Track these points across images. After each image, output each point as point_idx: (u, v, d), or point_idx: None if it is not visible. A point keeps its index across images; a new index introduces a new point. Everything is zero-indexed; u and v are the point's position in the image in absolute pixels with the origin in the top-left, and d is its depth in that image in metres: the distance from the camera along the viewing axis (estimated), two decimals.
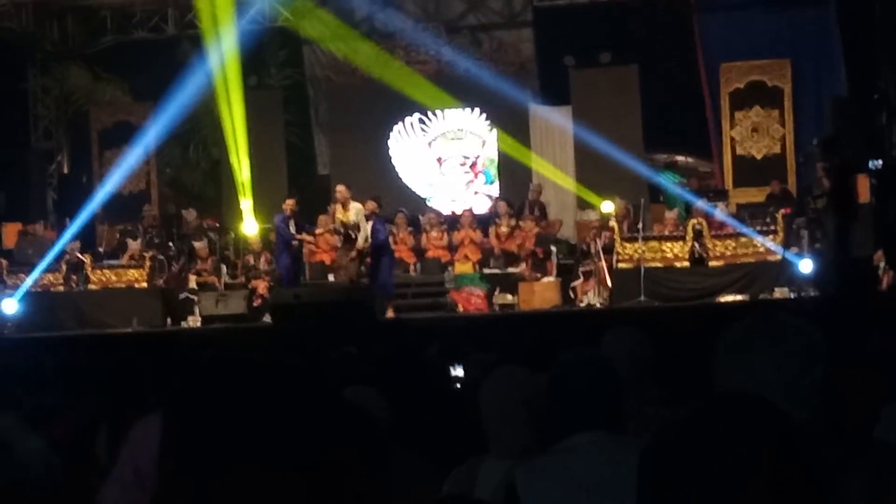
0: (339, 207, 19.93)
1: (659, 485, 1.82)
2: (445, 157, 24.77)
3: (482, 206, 23.60)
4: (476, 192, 24.47)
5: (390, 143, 24.76)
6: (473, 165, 24.68)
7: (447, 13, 24.79)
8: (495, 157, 24.46)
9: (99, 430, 4.64)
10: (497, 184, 24.41)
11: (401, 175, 24.68)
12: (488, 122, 23.80)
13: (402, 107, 24.26)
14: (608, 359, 4.11)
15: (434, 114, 24.60)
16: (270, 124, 24.32)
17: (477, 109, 24.29)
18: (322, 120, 25.86)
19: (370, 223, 19.62)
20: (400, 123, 24.67)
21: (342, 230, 19.87)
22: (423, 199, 24.24)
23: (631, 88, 22.68)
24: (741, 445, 1.77)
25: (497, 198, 21.91)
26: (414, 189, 24.46)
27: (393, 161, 24.71)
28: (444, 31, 24.47)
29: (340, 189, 20.14)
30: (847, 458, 2.63)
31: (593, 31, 23.22)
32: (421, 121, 24.70)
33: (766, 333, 2.76)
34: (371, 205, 19.98)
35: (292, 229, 20.20)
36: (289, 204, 20.34)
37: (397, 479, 3.55)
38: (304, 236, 20.66)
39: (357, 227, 19.67)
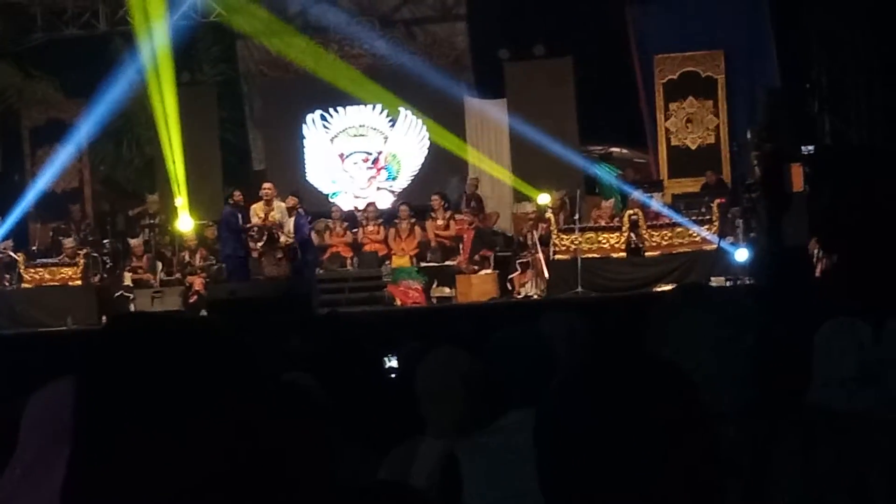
0: (261, 205, 19.85)
1: (550, 446, 1.79)
2: (347, 153, 24.76)
3: (385, 202, 23.60)
4: (378, 189, 24.47)
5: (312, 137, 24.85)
6: (376, 161, 24.68)
7: (381, 7, 24.70)
8: (397, 152, 24.49)
9: None
10: (399, 180, 24.48)
11: (306, 171, 24.68)
12: (424, 114, 23.69)
13: (336, 102, 24.23)
14: (543, 336, 4.09)
15: (335, 110, 24.63)
16: (204, 121, 24.17)
17: (378, 106, 24.31)
18: (256, 116, 25.71)
19: (292, 218, 19.64)
20: (308, 119, 24.72)
21: (265, 231, 19.78)
22: (325, 196, 24.15)
23: (565, 80, 22.72)
24: (627, 397, 1.74)
25: (436, 192, 21.86)
26: (317, 185, 24.39)
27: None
28: (378, 25, 24.39)
29: (268, 186, 20.13)
30: (783, 426, 2.61)
31: (527, 23, 23.21)
32: (322, 117, 24.71)
33: (696, 303, 2.75)
34: (291, 200, 20.00)
35: (240, 222, 20.16)
36: (237, 196, 20.29)
37: (336, 463, 3.52)
38: (252, 225, 20.44)
39: (281, 226, 19.66)
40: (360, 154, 24.74)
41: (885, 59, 20.41)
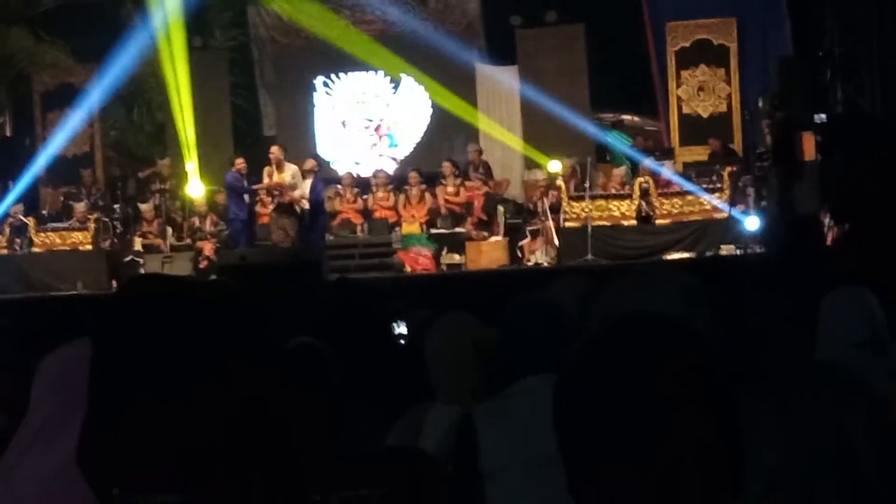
0: (273, 169, 19.91)
1: (571, 412, 1.79)
2: (349, 120, 24.73)
3: (387, 169, 23.57)
4: (381, 155, 24.45)
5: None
6: (378, 128, 24.65)
7: None
8: (400, 119, 24.47)
9: None
10: (401, 147, 24.49)
11: (316, 137, 24.76)
12: (435, 80, 23.59)
13: (347, 68, 24.22)
14: (557, 303, 4.09)
15: (337, 76, 24.60)
16: (215, 86, 24.15)
17: (381, 73, 24.32)
18: (267, 81, 25.66)
19: (309, 181, 19.68)
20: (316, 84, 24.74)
21: (276, 192, 19.84)
22: (328, 162, 24.15)
23: (577, 47, 22.66)
24: (645, 358, 1.74)
25: (447, 158, 21.85)
26: (319, 153, 24.39)
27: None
28: None
29: (274, 150, 20.23)
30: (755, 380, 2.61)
31: None
32: (325, 84, 24.69)
33: (640, 287, 2.74)
34: (310, 163, 20.06)
35: (243, 184, 20.25)
36: (239, 162, 20.40)
37: (346, 428, 3.53)
38: (260, 186, 20.50)
39: (293, 188, 19.69)
40: (361, 121, 24.72)
41: None
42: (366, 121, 24.70)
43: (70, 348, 2.44)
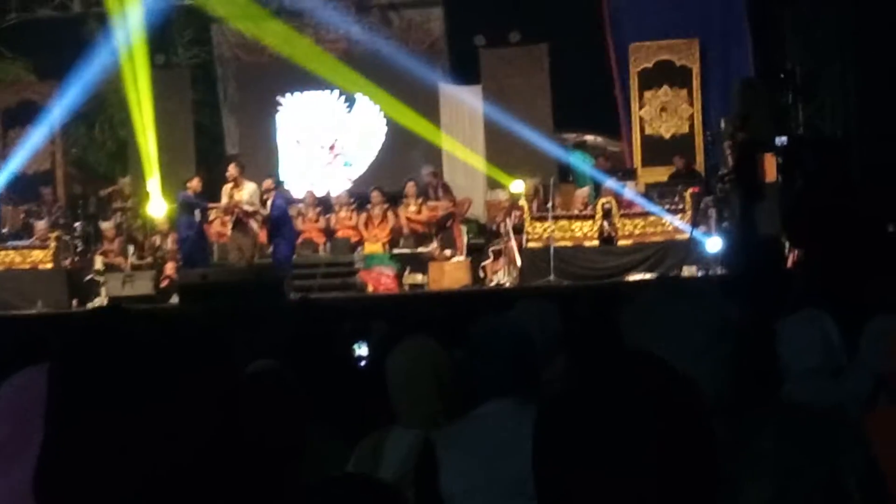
0: (230, 187, 19.83)
1: (552, 443, 1.79)
2: (303, 139, 24.75)
3: (339, 189, 23.59)
4: (335, 175, 24.51)
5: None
6: (332, 147, 24.67)
7: None
8: (354, 138, 24.55)
9: None
10: (356, 166, 24.56)
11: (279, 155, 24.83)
12: (399, 99, 23.59)
13: (310, 86, 24.22)
14: (523, 327, 4.09)
15: (286, 96, 24.65)
16: (178, 104, 24.10)
17: (336, 91, 24.35)
18: (230, 99, 25.62)
19: (270, 197, 19.63)
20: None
21: (233, 211, 19.75)
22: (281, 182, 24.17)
23: (541, 68, 22.74)
24: (632, 400, 1.75)
25: (408, 178, 21.85)
26: (282, 171, 24.43)
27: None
28: (354, 10, 24.33)
29: (231, 168, 20.08)
30: (756, 422, 2.62)
31: (503, 10, 23.18)
32: (277, 102, 24.74)
33: (676, 304, 2.73)
34: (267, 182, 19.99)
35: (193, 201, 20.18)
36: (193, 183, 20.32)
37: (307, 452, 3.52)
38: (214, 206, 20.44)
39: (250, 205, 19.64)
40: (316, 140, 24.74)
41: (859, 51, 20.48)
42: (320, 140, 24.70)
43: (27, 374, 2.43)
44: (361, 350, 7.37)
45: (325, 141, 24.69)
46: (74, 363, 1.90)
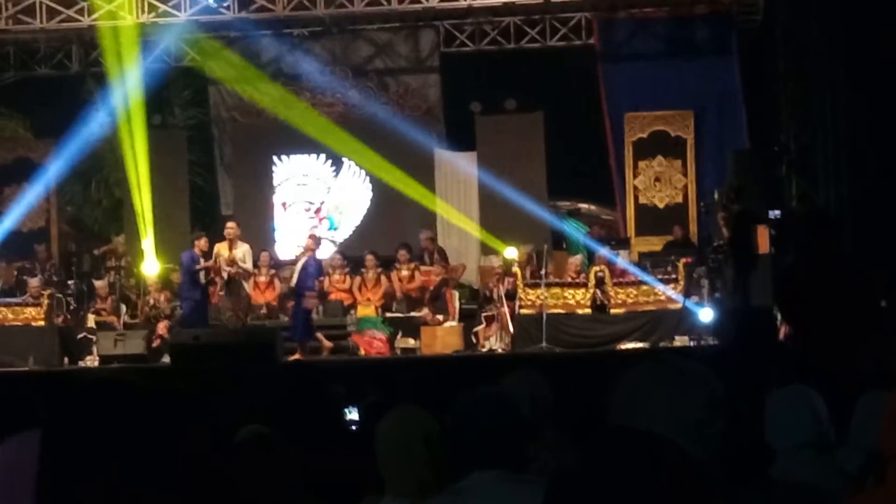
0: (225, 246, 19.77)
1: None
2: (290, 202, 24.85)
3: (325, 252, 23.63)
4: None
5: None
6: (318, 211, 24.77)
7: (354, 57, 24.78)
8: (340, 202, 24.62)
9: None
10: (341, 230, 24.65)
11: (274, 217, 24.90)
12: (394, 164, 23.62)
13: (305, 149, 24.28)
14: (510, 398, 4.10)
15: (280, 159, 24.73)
16: (174, 164, 24.15)
17: (322, 156, 24.51)
18: (226, 160, 25.70)
19: (304, 259, 19.66)
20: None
21: (227, 271, 19.69)
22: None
23: (536, 135, 22.81)
24: (637, 478, 1.76)
25: (401, 244, 21.83)
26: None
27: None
28: (351, 75, 24.49)
29: (231, 226, 20.05)
30: (745, 499, 2.63)
31: (499, 77, 23.36)
32: (273, 163, 24.88)
33: (668, 382, 2.74)
34: (309, 242, 19.99)
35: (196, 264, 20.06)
36: (201, 242, 20.18)
37: None
38: (204, 265, 20.29)
39: (241, 266, 19.61)
40: (302, 203, 24.82)
41: (852, 126, 20.61)
42: (307, 203, 24.79)
43: (18, 442, 2.44)
44: (352, 414, 7.36)
45: (311, 204, 24.75)
46: (65, 436, 1.91)
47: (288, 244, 24.25)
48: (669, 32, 23.02)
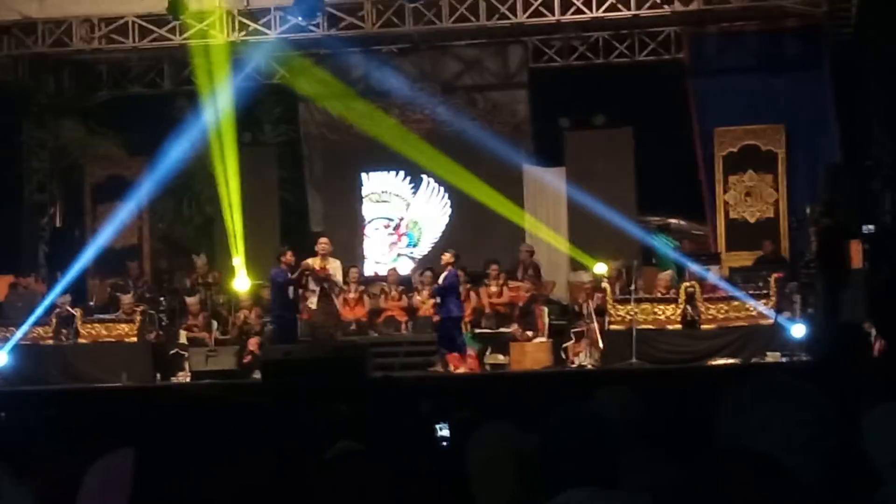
0: (317, 260, 19.76)
1: None
2: (369, 219, 24.98)
3: (405, 269, 23.73)
4: (399, 255, 24.67)
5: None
6: (397, 228, 24.85)
7: (443, 73, 24.85)
8: (419, 219, 24.74)
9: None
10: (420, 246, 24.75)
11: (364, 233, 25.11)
12: (482, 180, 23.59)
13: (395, 166, 24.38)
14: (601, 414, 4.07)
15: (368, 175, 24.96)
16: (264, 181, 24.36)
17: (402, 172, 24.68)
18: (316, 177, 25.84)
19: (446, 272, 19.69)
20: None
21: (319, 286, 19.70)
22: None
23: (625, 150, 22.76)
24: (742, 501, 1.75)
25: (492, 260, 21.77)
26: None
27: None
28: (440, 91, 24.55)
29: (324, 241, 20.06)
30: None
31: (588, 93, 23.31)
32: (361, 180, 25.05)
33: (777, 399, 2.71)
34: (447, 256, 20.05)
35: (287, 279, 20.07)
36: (287, 257, 20.14)
37: None
38: (299, 272, 20.26)
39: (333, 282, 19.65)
40: (381, 220, 24.93)
41: None
42: (386, 219, 24.89)
43: (113, 460, 2.46)
44: (444, 431, 7.34)
45: (390, 221, 24.86)
46: (157, 453, 1.93)
47: (368, 261, 24.41)
48: (759, 46, 22.85)
